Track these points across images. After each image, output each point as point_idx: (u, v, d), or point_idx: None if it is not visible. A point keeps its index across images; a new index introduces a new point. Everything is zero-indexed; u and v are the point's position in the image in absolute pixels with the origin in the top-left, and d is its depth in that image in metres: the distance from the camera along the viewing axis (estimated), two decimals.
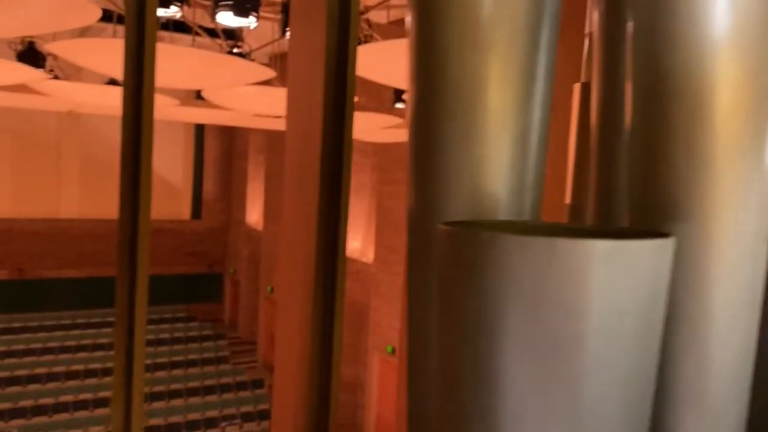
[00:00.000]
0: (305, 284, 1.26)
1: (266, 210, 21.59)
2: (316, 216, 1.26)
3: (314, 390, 1.26)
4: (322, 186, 1.25)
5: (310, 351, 1.26)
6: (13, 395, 15.76)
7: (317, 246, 1.27)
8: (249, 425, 16.18)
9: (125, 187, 1.15)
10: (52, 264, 21.49)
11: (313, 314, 1.25)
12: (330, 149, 1.26)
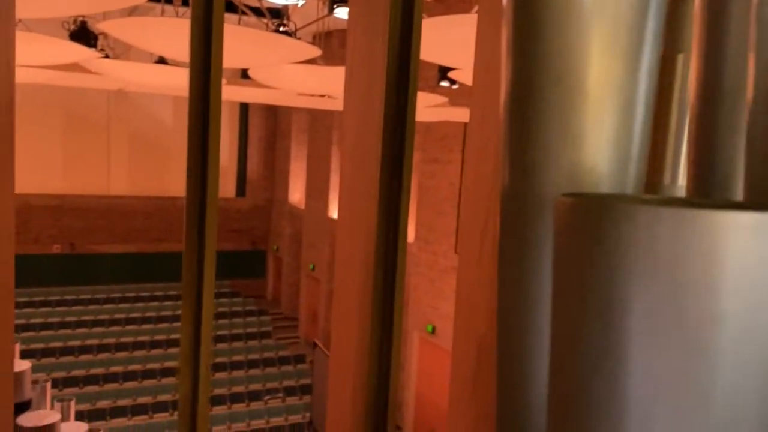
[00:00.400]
0: (364, 267, 1.26)
1: (308, 189, 21.78)
2: (377, 198, 1.25)
3: (373, 377, 1.25)
4: (383, 168, 1.24)
5: (369, 336, 1.26)
6: (67, 365, 16.43)
7: (378, 227, 1.26)
8: (291, 399, 16.51)
9: (193, 163, 1.16)
10: (103, 239, 22.17)
11: (373, 298, 1.25)
12: (392, 130, 1.24)
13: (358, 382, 1.31)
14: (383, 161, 1.26)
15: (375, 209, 1.30)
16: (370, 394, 1.25)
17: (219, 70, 1.12)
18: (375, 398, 1.27)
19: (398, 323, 1.26)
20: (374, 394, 1.25)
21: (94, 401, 14.71)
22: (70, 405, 3.01)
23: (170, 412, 15.12)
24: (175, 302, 21.25)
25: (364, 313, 1.30)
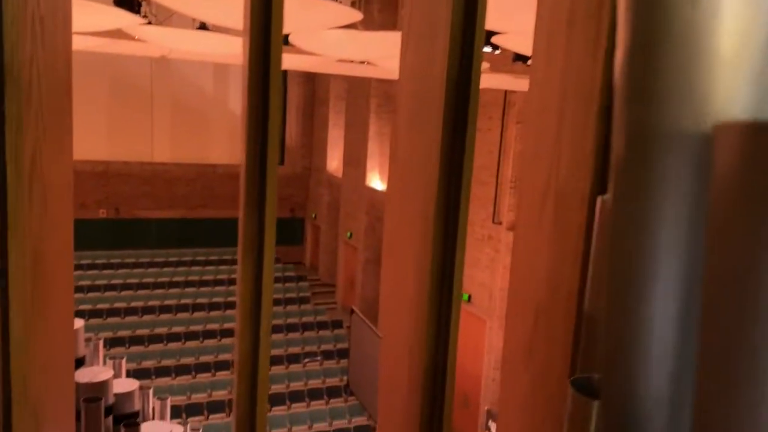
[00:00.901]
0: (421, 241, 1.24)
1: (346, 157, 21.79)
2: (438, 167, 1.22)
3: (429, 359, 1.24)
4: (444, 135, 1.20)
5: (426, 315, 1.24)
6: (113, 325, 17.02)
7: (437, 199, 1.23)
8: (329, 362, 16.82)
9: (252, 131, 1.14)
10: (147, 205, 22.68)
11: (431, 274, 1.22)
12: (455, 94, 1.20)
13: (414, 365, 1.30)
14: (445, 128, 1.22)
15: (435, 179, 1.27)
16: (427, 378, 1.24)
17: (279, 34, 1.10)
18: (432, 382, 1.25)
19: (457, 301, 1.24)
20: (431, 378, 1.24)
21: (140, 361, 15.24)
22: (122, 363, 3.11)
23: (212, 373, 15.58)
24: (216, 267, 21.71)
25: (421, 290, 1.28)
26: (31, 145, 1.03)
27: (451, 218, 1.16)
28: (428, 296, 1.20)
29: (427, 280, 1.19)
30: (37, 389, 1.10)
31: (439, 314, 1.20)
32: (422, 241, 1.18)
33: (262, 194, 1.14)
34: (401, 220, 1.24)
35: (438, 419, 1.25)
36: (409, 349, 1.26)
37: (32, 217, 1.02)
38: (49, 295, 1.11)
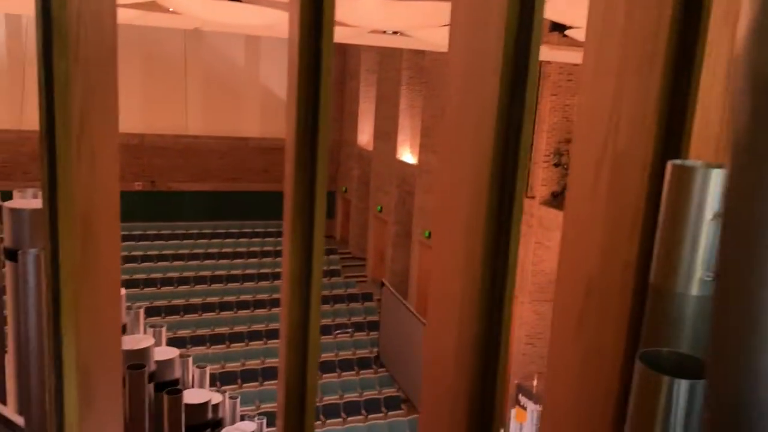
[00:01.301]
0: (473, 221, 1.19)
1: (376, 131, 21.69)
2: (492, 145, 1.17)
3: (480, 346, 1.20)
4: (500, 113, 1.15)
5: (477, 301, 1.21)
6: (149, 295, 17.40)
7: (491, 178, 1.18)
8: (359, 334, 16.99)
9: (303, 102, 1.11)
10: (181, 177, 22.98)
11: (483, 258, 1.18)
12: (513, 69, 1.15)
13: (462, 350, 1.26)
14: (500, 104, 1.16)
15: (488, 157, 1.21)
16: (476, 365, 1.21)
17: (332, 4, 1.06)
18: (482, 370, 1.22)
19: (510, 286, 1.20)
20: (481, 366, 1.21)
21: (175, 330, 15.58)
22: (162, 331, 3.17)
23: (245, 343, 15.87)
24: (249, 239, 21.98)
25: (471, 272, 1.23)
26: (79, 102, 1.01)
27: (507, 189, 1.11)
28: (480, 273, 1.15)
29: (479, 252, 1.15)
30: (86, 354, 1.11)
31: (491, 308, 1.16)
32: (474, 213, 1.14)
33: (313, 164, 1.10)
34: (452, 192, 1.20)
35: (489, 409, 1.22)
36: (458, 330, 1.23)
37: (81, 178, 1.01)
38: (97, 259, 1.11)
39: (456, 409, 1.19)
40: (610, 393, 1.31)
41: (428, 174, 17.94)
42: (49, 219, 1.00)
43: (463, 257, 1.15)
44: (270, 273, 19.65)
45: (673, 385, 0.80)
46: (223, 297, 17.96)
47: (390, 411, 13.39)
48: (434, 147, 17.76)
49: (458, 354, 1.17)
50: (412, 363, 14.08)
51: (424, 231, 18.08)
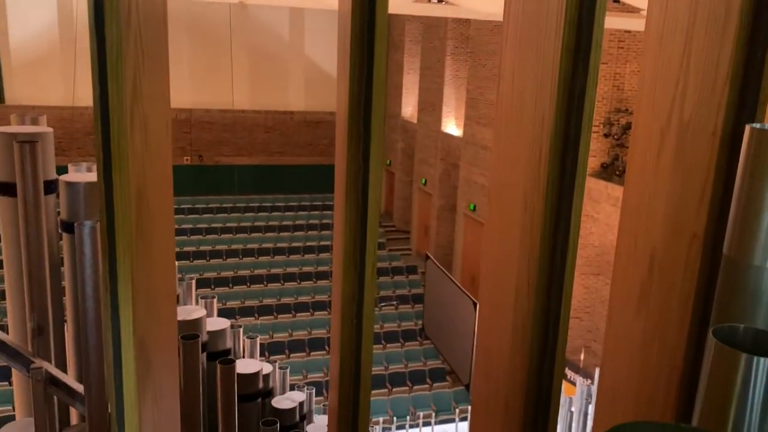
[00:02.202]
0: (531, 199, 1.15)
1: (421, 103, 21.47)
2: (553, 119, 1.12)
3: (537, 325, 1.16)
4: (561, 83, 1.09)
5: (534, 282, 1.16)
6: (199, 267, 17.84)
7: (551, 154, 1.13)
8: (404, 307, 17.07)
9: (356, 76, 1.07)
10: (228, 152, 23.33)
11: (541, 237, 1.14)
12: (574, 34, 1.09)
13: (519, 326, 1.22)
14: (563, 70, 1.10)
15: (549, 126, 1.16)
16: (535, 341, 1.17)
17: None
18: (540, 346, 1.18)
19: (572, 259, 1.15)
20: (539, 341, 1.17)
21: (224, 301, 15.96)
22: (213, 302, 3.22)
23: (292, 314, 16.16)
24: (295, 213, 22.25)
25: (529, 245, 1.19)
26: (132, 71, 1.00)
27: (569, 160, 1.06)
28: (539, 246, 1.11)
29: (538, 225, 1.11)
30: (143, 325, 1.12)
31: (552, 266, 1.12)
32: (534, 185, 1.09)
33: (367, 136, 1.07)
34: (509, 164, 1.15)
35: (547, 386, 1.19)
36: (515, 305, 1.19)
37: (135, 147, 1.01)
38: (152, 230, 1.12)
39: (513, 385, 1.16)
40: (674, 369, 1.26)
41: (473, 146, 17.71)
42: (104, 189, 1.00)
43: (519, 230, 1.11)
44: (315, 246, 19.88)
45: (752, 362, 0.75)
46: (270, 269, 18.28)
47: (435, 382, 13.48)
48: (480, 118, 17.49)
49: (515, 329, 1.14)
50: (457, 335, 14.10)
51: (469, 204, 17.91)
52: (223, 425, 2.61)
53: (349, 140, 1.05)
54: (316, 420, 3.28)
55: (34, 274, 2.29)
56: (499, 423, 1.21)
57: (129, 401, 1.11)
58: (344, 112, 1.08)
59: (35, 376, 2.24)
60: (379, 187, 1.12)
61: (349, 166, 1.07)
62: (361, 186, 1.07)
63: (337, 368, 1.15)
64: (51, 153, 2.42)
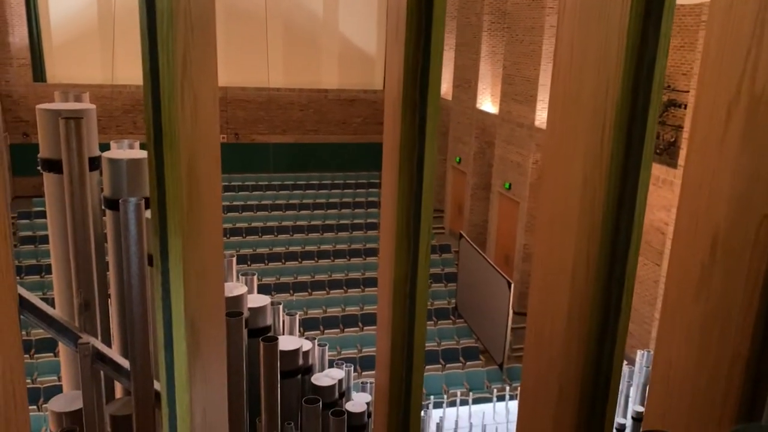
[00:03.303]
0: (589, 186, 1.09)
1: (456, 79, 21.20)
2: (619, 85, 1.05)
3: (594, 320, 1.12)
4: (628, 50, 1.02)
5: (593, 276, 1.11)
6: (236, 244, 18.08)
7: (616, 124, 1.07)
8: (437, 285, 17.06)
9: (412, 40, 1.03)
10: (264, 130, 23.47)
11: (602, 228, 1.08)
12: (644, 10, 1.01)
13: (575, 313, 1.17)
14: (631, 36, 1.04)
15: (614, 96, 1.10)
16: (593, 326, 1.12)
17: None
18: (599, 331, 1.13)
19: (636, 240, 1.09)
20: (598, 327, 1.12)
21: (261, 278, 16.17)
22: (253, 279, 3.24)
23: (326, 291, 16.30)
24: (329, 191, 22.33)
25: (589, 225, 1.13)
26: (182, 44, 0.98)
27: (636, 133, 1.00)
28: (600, 226, 1.06)
29: (599, 203, 1.05)
30: (193, 302, 1.12)
31: (614, 247, 1.07)
32: (594, 161, 1.04)
33: (423, 106, 1.03)
34: (566, 139, 1.10)
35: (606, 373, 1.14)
36: (571, 288, 1.14)
37: (185, 123, 0.99)
38: (201, 206, 1.10)
39: (567, 370, 1.12)
40: (738, 358, 1.20)
41: (509, 123, 17.45)
42: (155, 165, 0.99)
43: (578, 209, 1.06)
44: (349, 224, 19.96)
45: None
46: (305, 247, 18.44)
47: (468, 361, 13.48)
48: (516, 95, 17.20)
49: (571, 313, 1.09)
50: (491, 315, 14.04)
51: (504, 182, 17.71)
52: (266, 402, 2.64)
53: (403, 111, 1.01)
54: (355, 397, 3.29)
55: (80, 250, 2.33)
56: (552, 407, 1.17)
57: (180, 382, 1.11)
58: (397, 79, 1.04)
59: (82, 351, 2.29)
60: (435, 161, 1.08)
61: (403, 138, 1.03)
62: (416, 159, 1.03)
63: (388, 348, 1.13)
64: (94, 130, 2.44)
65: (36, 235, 17.64)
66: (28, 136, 20.84)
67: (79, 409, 2.39)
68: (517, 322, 14.28)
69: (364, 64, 24.18)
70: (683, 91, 11.85)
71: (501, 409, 6.65)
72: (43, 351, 12.49)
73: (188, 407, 1.13)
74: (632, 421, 5.04)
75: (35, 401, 10.75)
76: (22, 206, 19.23)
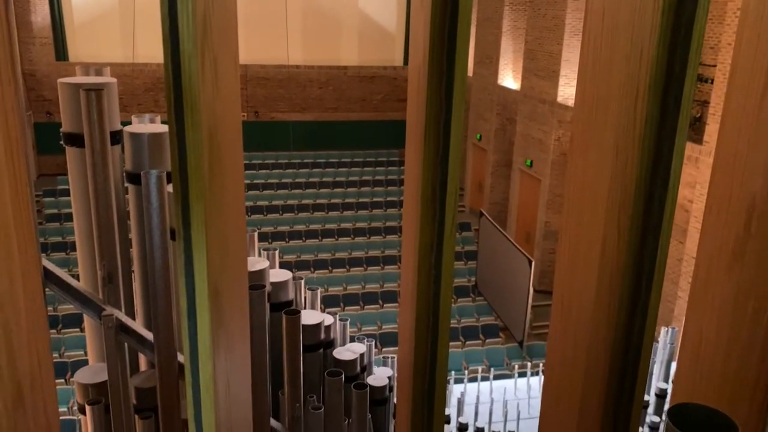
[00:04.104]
0: (624, 152, 1.05)
1: (477, 55, 20.91)
2: (654, 50, 1.00)
3: (627, 276, 1.08)
4: (664, 15, 0.97)
5: (628, 229, 1.07)
6: (256, 221, 18.20)
7: (649, 97, 1.02)
8: (457, 263, 17.04)
9: (438, 30, 0.99)
10: (283, 107, 23.45)
11: (636, 191, 1.04)
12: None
13: (605, 284, 1.14)
14: (666, 4, 0.98)
15: (648, 61, 1.05)
16: (623, 300, 1.08)
17: None
18: (628, 306, 1.09)
19: (669, 220, 1.05)
20: (627, 301, 1.08)
21: (282, 255, 16.25)
22: (275, 254, 3.24)
23: (346, 269, 16.37)
24: (349, 169, 22.31)
25: (620, 203, 1.09)
26: (202, 6, 0.95)
27: (672, 93, 0.96)
28: (632, 205, 1.02)
29: (631, 181, 1.01)
30: (216, 273, 1.11)
31: (646, 225, 1.03)
32: (627, 125, 0.99)
33: (450, 71, 1.00)
34: (597, 101, 1.05)
35: (634, 360, 1.11)
36: (599, 270, 1.10)
37: (206, 90, 0.97)
38: (223, 176, 1.09)
39: (595, 342, 1.09)
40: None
41: (531, 99, 17.22)
42: (176, 131, 0.97)
43: (608, 178, 1.02)
44: (368, 202, 19.95)
45: None
46: (325, 225, 18.50)
47: (488, 338, 13.50)
48: (538, 71, 16.93)
49: (600, 283, 1.06)
50: (511, 293, 14.01)
51: (525, 159, 17.54)
52: (289, 375, 2.65)
53: (429, 76, 0.98)
54: (376, 372, 3.30)
55: (103, 223, 2.34)
56: (579, 382, 1.15)
57: (203, 350, 1.10)
58: (423, 44, 1.00)
59: (106, 323, 2.32)
60: (462, 127, 1.05)
61: (429, 105, 0.99)
62: (442, 126, 1.00)
63: (412, 321, 1.11)
64: (115, 103, 2.43)
65: (61, 213, 17.92)
66: (51, 114, 21.07)
67: (104, 381, 2.42)
68: (537, 300, 14.23)
69: (383, 40, 23.95)
70: (710, 65, 11.55)
71: (522, 385, 6.64)
72: (70, 326, 12.74)
73: (212, 376, 1.13)
74: (655, 398, 4.99)
75: (63, 375, 11.01)
76: (47, 184, 19.52)
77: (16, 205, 1.11)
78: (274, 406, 2.84)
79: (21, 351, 1.13)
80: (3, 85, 1.11)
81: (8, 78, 1.11)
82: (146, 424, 2.50)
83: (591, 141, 1.12)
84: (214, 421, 1.27)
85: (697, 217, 11.15)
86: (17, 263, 1.12)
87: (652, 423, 4.83)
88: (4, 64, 1.10)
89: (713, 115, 10.77)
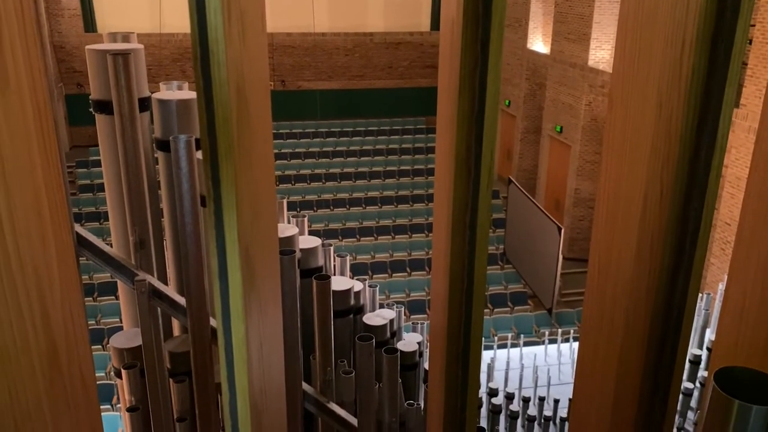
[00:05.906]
0: (669, 101, 0.99)
1: (506, 19, 20.44)
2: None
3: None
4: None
5: (672, 180, 1.02)
6: (285, 191, 18.30)
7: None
8: None
9: None
10: (309, 76, 23.32)
11: (678, 168, 0.99)
12: None
13: (646, 242, 1.09)
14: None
15: (695, 14, 0.99)
16: (665, 259, 1.04)
17: None
18: (671, 265, 1.04)
19: (716, 175, 0.99)
20: (670, 260, 1.04)
21: (310, 223, 16.36)
22: (304, 221, 3.24)
23: (374, 237, 16.42)
24: (375, 137, 22.21)
25: (663, 159, 1.04)
26: None
27: (722, 42, 0.90)
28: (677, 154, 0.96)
29: (677, 125, 0.96)
30: (247, 234, 1.10)
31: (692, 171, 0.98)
32: (672, 76, 0.94)
33: (487, 19, 0.95)
34: (639, 52, 1.00)
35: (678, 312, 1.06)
36: (637, 245, 1.06)
37: (232, 43, 0.94)
38: (252, 135, 1.07)
39: (635, 304, 1.05)
40: None
41: (561, 64, 16.83)
42: (203, 85, 0.95)
43: (651, 133, 0.97)
44: (396, 171, 19.88)
45: None
46: (352, 193, 18.52)
47: (516, 306, 13.47)
48: (569, 34, 16.50)
49: (641, 242, 1.02)
50: (540, 260, 13.91)
51: (555, 125, 17.23)
52: (320, 339, 2.67)
53: (465, 25, 0.93)
54: (406, 337, 3.31)
55: (134, 189, 2.36)
56: (616, 345, 1.11)
57: (236, 311, 1.10)
58: (460, 27, 0.95)
59: (139, 288, 2.35)
60: (499, 80, 1.00)
61: (464, 56, 0.95)
62: (478, 79, 0.95)
63: (446, 285, 1.09)
64: (143, 69, 2.43)
65: (94, 183, 18.23)
66: (82, 86, 21.30)
67: (139, 346, 2.46)
68: (566, 268, 14.09)
69: (410, 4, 23.53)
70: None
71: (552, 351, 6.62)
72: (105, 294, 13.07)
73: (244, 338, 1.13)
74: (689, 364, 4.94)
75: (100, 341, 11.33)
76: (80, 155, 19.84)
77: (46, 167, 1.11)
78: (305, 370, 2.86)
79: (54, 311, 1.14)
80: (29, 45, 1.10)
81: (33, 38, 1.09)
82: (180, 387, 2.55)
83: (632, 95, 1.07)
84: (247, 384, 1.28)
85: (731, 182, 10.85)
86: (48, 225, 1.13)
87: (685, 390, 4.79)
88: (29, 24, 1.08)
89: (751, 77, 10.39)
